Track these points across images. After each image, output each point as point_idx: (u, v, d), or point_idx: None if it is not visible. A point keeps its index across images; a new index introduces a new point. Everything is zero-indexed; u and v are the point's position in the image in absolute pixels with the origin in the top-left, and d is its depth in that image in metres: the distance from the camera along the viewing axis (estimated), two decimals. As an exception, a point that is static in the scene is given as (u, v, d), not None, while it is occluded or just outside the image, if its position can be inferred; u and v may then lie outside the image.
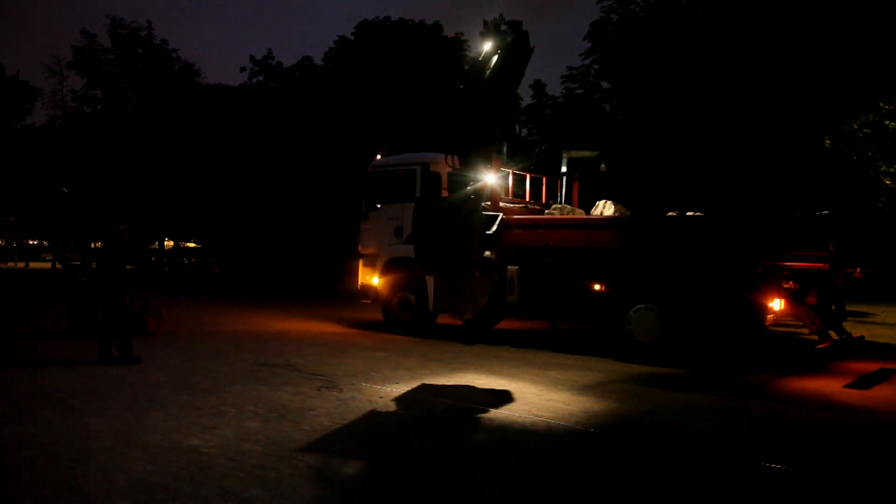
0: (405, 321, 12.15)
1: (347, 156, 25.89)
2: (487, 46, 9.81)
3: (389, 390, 7.38)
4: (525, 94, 33.10)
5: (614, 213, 11.13)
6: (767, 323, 9.12)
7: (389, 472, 4.68)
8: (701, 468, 5.06)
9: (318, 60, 33.96)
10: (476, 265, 7.67)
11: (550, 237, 10.31)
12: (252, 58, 35.02)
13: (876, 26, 16.94)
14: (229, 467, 4.70)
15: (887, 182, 17.20)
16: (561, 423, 6.13)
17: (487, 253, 8.05)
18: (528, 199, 12.61)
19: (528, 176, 12.74)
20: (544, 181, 12.97)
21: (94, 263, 9.96)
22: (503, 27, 10.30)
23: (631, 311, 9.69)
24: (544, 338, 11.19)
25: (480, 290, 7.90)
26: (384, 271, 12.46)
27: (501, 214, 9.11)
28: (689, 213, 10.29)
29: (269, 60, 35.08)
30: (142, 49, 36.40)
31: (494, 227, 8.36)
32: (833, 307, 9.96)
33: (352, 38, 32.27)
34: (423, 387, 7.64)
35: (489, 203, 11.23)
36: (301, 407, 6.57)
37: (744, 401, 7.32)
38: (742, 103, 19.34)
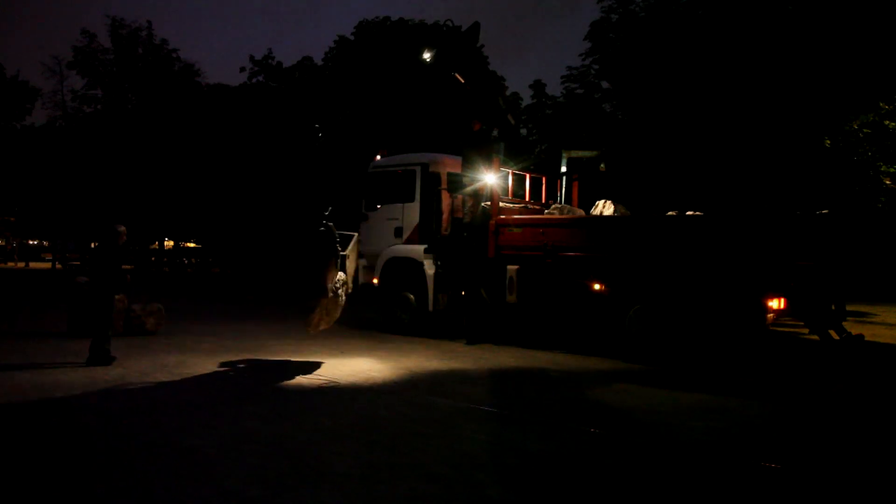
0: (405, 321, 12.16)
1: (347, 156, 25.90)
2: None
3: (389, 390, 7.38)
4: (525, 94, 33.20)
5: (614, 212, 11.14)
6: (767, 322, 9.11)
7: (389, 472, 4.68)
8: (701, 468, 5.06)
9: (318, 60, 33.97)
10: (323, 291, 9.10)
11: (550, 237, 10.30)
12: (252, 58, 35.02)
13: (876, 26, 16.93)
14: (229, 467, 4.70)
15: (887, 182, 17.18)
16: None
17: (341, 274, 9.45)
18: (527, 199, 12.61)
19: (528, 176, 12.74)
20: (544, 181, 12.97)
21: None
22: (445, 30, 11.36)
23: (630, 311, 9.70)
24: (549, 337, 11.16)
25: (332, 308, 9.32)
26: (384, 272, 12.46)
27: (356, 235, 10.18)
28: (688, 213, 10.28)
29: (269, 60, 35.07)
30: (142, 49, 36.36)
31: (349, 248, 9.46)
32: (833, 307, 9.95)
33: (352, 38, 32.27)
34: (422, 387, 7.64)
35: (489, 203, 11.28)
36: (301, 407, 6.58)
37: (744, 401, 7.32)
38: (742, 103, 19.33)
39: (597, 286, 10.23)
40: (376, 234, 12.75)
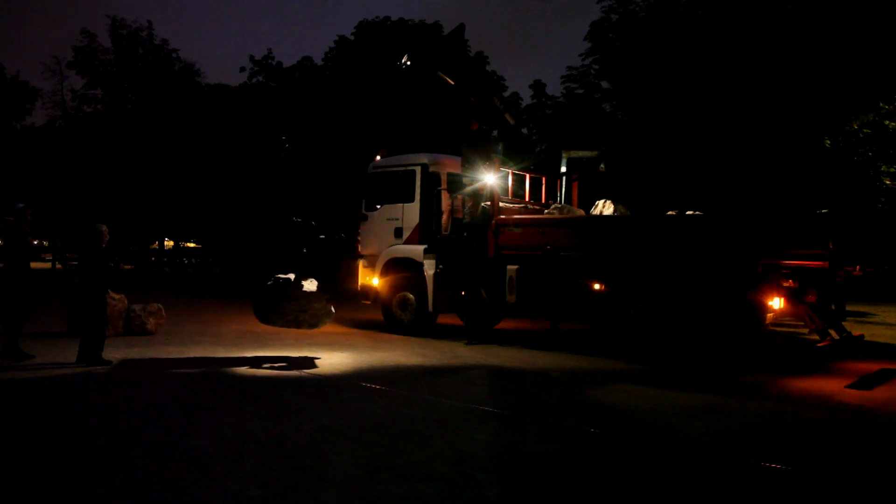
0: (405, 321, 12.16)
1: (347, 156, 25.88)
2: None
3: (390, 390, 7.38)
4: (525, 94, 33.19)
5: (614, 212, 11.14)
6: (767, 322, 9.12)
7: (389, 472, 4.68)
8: (701, 468, 5.06)
9: (318, 60, 33.96)
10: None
11: (550, 237, 10.30)
12: (252, 58, 34.98)
13: (876, 26, 16.94)
14: (229, 467, 4.70)
15: (887, 182, 17.19)
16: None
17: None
18: (527, 199, 12.61)
19: (527, 176, 12.74)
20: (544, 181, 12.97)
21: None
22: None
23: (630, 311, 9.70)
24: (552, 337, 11.16)
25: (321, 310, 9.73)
26: (384, 272, 12.46)
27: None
28: (688, 213, 10.29)
29: (269, 60, 35.04)
30: (142, 49, 36.32)
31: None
32: (833, 306, 9.95)
33: (352, 38, 32.26)
34: (422, 387, 7.65)
35: (489, 203, 11.28)
36: (301, 406, 6.58)
37: (744, 401, 7.32)
38: (742, 103, 19.34)
39: (597, 286, 10.23)
40: (376, 235, 12.75)
